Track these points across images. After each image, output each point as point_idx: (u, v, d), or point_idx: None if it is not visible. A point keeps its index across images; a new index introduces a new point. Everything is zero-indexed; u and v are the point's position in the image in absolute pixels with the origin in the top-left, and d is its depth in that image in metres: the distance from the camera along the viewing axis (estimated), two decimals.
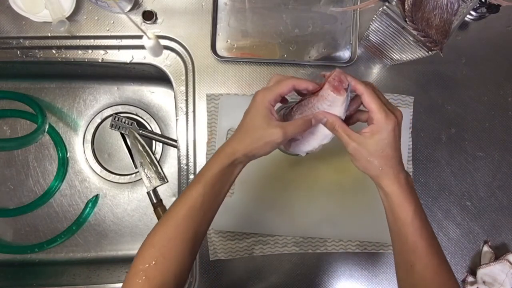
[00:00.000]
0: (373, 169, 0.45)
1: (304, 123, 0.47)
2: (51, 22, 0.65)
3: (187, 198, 0.45)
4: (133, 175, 0.87)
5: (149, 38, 0.61)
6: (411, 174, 0.70)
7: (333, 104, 0.46)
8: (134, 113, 0.88)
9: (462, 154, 0.71)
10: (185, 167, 0.70)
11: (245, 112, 0.48)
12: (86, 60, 0.71)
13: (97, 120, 0.87)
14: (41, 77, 0.85)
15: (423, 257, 0.44)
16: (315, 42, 0.71)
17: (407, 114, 0.70)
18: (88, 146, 0.87)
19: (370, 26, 0.61)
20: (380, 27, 0.59)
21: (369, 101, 0.44)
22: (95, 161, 0.86)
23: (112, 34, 0.70)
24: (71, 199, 0.86)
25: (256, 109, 0.46)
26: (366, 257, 0.69)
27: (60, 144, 0.85)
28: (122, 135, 0.88)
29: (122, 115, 0.87)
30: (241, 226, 0.68)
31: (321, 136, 0.50)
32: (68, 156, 0.86)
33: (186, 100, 0.70)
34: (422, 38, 0.53)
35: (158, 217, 0.85)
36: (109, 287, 0.72)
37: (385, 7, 0.54)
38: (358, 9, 0.70)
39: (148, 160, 0.85)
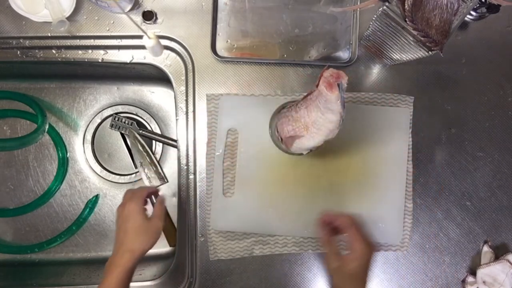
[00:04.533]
0: (344, 284, 0.54)
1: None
2: (51, 22, 0.66)
3: None
4: (133, 175, 0.87)
5: (149, 38, 0.61)
6: (411, 174, 0.70)
7: (328, 100, 0.46)
8: (134, 113, 0.88)
9: (462, 154, 0.71)
10: (185, 167, 0.70)
11: (120, 222, 0.57)
12: (86, 60, 0.71)
13: (97, 120, 0.87)
14: (41, 77, 0.85)
15: None
16: (315, 42, 0.71)
17: (407, 114, 0.70)
18: (88, 146, 0.87)
19: (370, 26, 0.61)
20: (380, 27, 0.59)
21: (354, 233, 0.54)
22: (95, 161, 0.86)
23: (112, 34, 0.70)
24: (71, 199, 0.86)
25: (135, 214, 0.57)
26: None
27: (60, 144, 0.85)
28: (122, 135, 0.88)
29: (122, 115, 0.87)
30: (241, 226, 0.68)
31: (326, 131, 0.49)
32: (68, 156, 0.86)
33: (186, 100, 0.70)
34: (422, 38, 0.53)
35: None
36: None
37: (385, 7, 0.54)
38: (358, 9, 0.70)
39: (148, 160, 0.85)
